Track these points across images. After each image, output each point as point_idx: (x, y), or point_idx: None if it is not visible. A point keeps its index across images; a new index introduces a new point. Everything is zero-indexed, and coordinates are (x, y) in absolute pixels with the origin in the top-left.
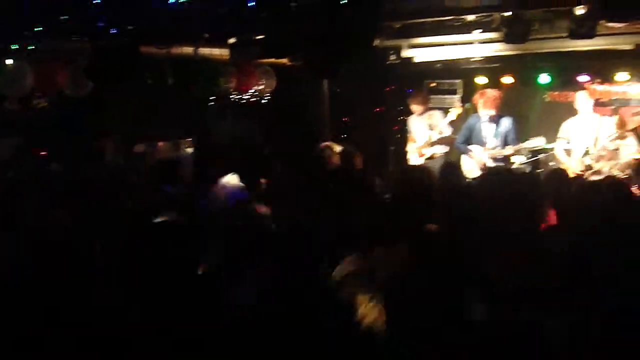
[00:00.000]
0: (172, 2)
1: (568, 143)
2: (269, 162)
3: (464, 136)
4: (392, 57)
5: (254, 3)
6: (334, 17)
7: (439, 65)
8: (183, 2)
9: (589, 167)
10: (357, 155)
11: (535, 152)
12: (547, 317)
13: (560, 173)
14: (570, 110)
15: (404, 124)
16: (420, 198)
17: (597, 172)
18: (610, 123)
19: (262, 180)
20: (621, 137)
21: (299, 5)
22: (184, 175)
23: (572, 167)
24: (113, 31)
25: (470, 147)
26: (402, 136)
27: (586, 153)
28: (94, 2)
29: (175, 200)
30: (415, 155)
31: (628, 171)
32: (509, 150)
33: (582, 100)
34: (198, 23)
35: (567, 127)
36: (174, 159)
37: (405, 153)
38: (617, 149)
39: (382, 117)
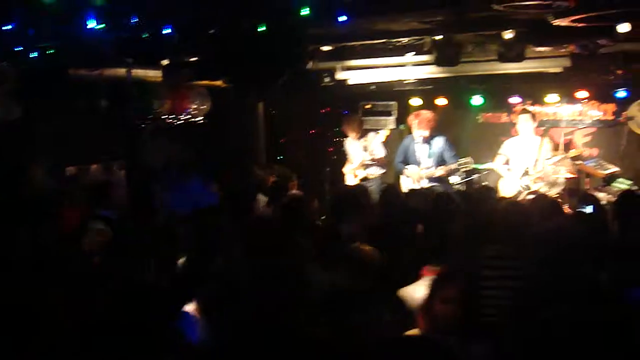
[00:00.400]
0: (91, 28)
1: (507, 163)
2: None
3: (401, 156)
4: (327, 80)
5: (170, 30)
6: (258, 40)
7: (373, 87)
8: (100, 28)
9: (526, 187)
10: (292, 177)
11: (469, 172)
12: None
13: (486, 190)
14: (504, 131)
15: (340, 145)
16: (354, 219)
17: (534, 193)
18: (550, 145)
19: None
20: (559, 159)
21: (224, 29)
22: (117, 199)
23: (510, 185)
24: (33, 54)
25: (407, 167)
26: (339, 157)
27: (525, 173)
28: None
29: (112, 223)
30: (350, 177)
31: (560, 191)
32: (440, 170)
33: (523, 122)
34: (128, 45)
35: (508, 147)
36: (106, 181)
37: (341, 174)
38: (555, 171)
39: (318, 138)
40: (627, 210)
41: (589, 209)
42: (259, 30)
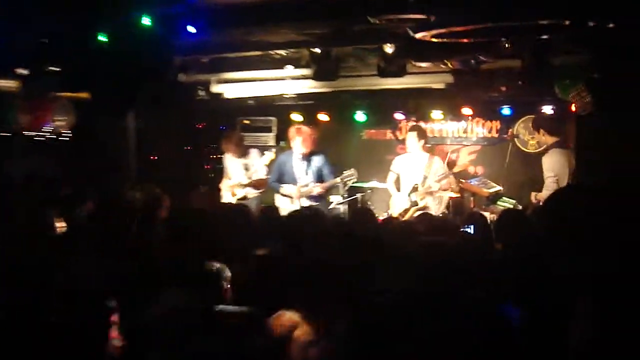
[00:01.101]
0: None
1: (397, 180)
2: (69, 202)
3: (275, 174)
4: (202, 93)
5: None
6: (113, 52)
7: (251, 101)
8: None
9: (414, 204)
10: (163, 197)
11: (352, 191)
12: None
13: (366, 212)
14: (388, 149)
15: (217, 162)
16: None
17: (422, 209)
18: (439, 163)
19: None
20: (446, 176)
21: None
22: None
23: (399, 203)
24: None
25: (283, 185)
26: (216, 175)
27: (414, 190)
28: None
29: None
30: (228, 195)
31: (444, 209)
32: (318, 187)
33: (411, 140)
34: None
35: (398, 164)
36: None
37: (218, 193)
38: (441, 188)
39: (193, 155)
40: (507, 229)
41: (472, 228)
42: (101, 41)
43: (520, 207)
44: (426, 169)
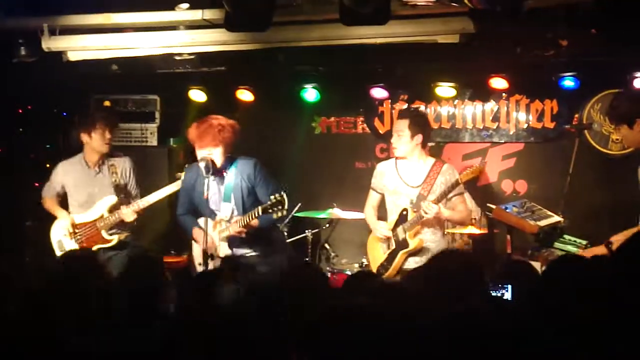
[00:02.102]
0: None
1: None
2: None
3: (184, 204)
4: (24, 52)
5: None
6: None
7: (115, 67)
8: None
9: (401, 244)
10: None
11: (295, 226)
12: None
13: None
14: (361, 149)
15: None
16: None
17: (413, 252)
18: (451, 173)
19: None
20: (460, 196)
21: None
22: None
23: (379, 244)
24: None
25: (200, 221)
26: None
27: (401, 219)
28: None
29: None
30: (66, 240)
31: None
32: (233, 228)
33: (401, 134)
34: None
35: (382, 176)
36: None
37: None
38: (455, 220)
39: (8, 162)
40: (575, 295)
41: (509, 290)
42: None
43: (594, 253)
44: (425, 184)
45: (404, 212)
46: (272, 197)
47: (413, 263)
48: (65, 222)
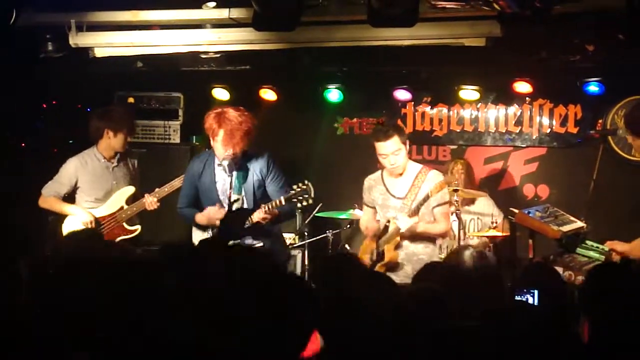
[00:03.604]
0: None
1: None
2: None
3: (187, 196)
4: (50, 47)
5: None
6: None
7: (140, 64)
8: None
9: (378, 256)
10: None
11: (316, 226)
12: None
13: (347, 263)
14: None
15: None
16: None
17: (387, 266)
18: (435, 178)
19: None
20: (468, 201)
21: None
22: None
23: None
24: None
25: (205, 212)
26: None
27: (382, 231)
28: None
29: None
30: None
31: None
32: (257, 214)
33: (389, 150)
34: None
35: (372, 189)
36: None
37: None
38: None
39: (33, 156)
40: (603, 300)
41: (535, 295)
42: None
43: (617, 259)
44: (410, 193)
45: (387, 224)
46: (295, 186)
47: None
48: (86, 217)
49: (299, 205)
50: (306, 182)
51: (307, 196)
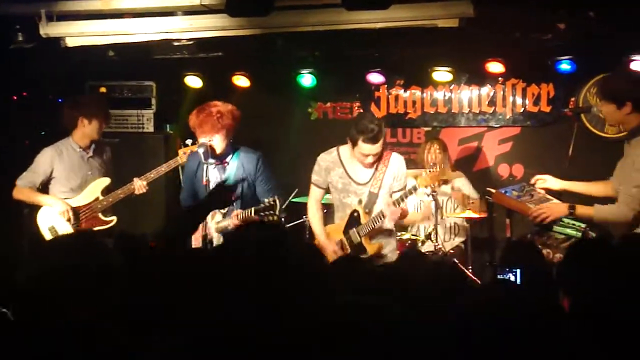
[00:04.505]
0: None
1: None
2: None
3: (190, 191)
4: (21, 38)
5: None
6: None
7: (112, 53)
8: None
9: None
10: None
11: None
12: None
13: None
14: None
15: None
16: None
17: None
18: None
19: None
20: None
21: None
22: None
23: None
24: None
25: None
26: None
27: (352, 220)
28: None
29: None
30: (61, 222)
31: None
32: (232, 221)
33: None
34: None
35: (326, 171)
36: None
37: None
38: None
39: (3, 150)
40: (583, 277)
41: (518, 274)
42: None
43: (593, 234)
44: (374, 180)
45: (355, 214)
46: (265, 200)
47: None
48: (62, 206)
49: (265, 220)
50: (275, 198)
51: (272, 212)
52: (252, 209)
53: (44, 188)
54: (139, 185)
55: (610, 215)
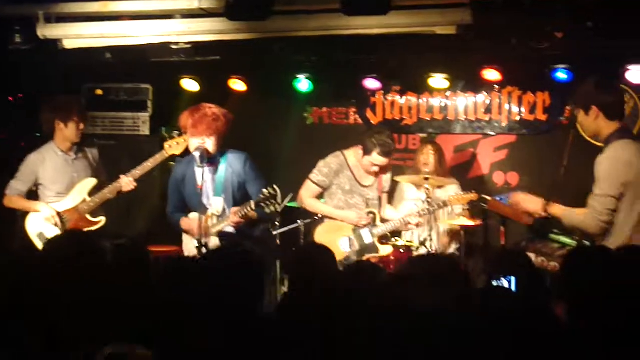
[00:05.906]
0: None
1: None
2: None
3: (173, 200)
4: (18, 38)
5: None
6: None
7: (109, 55)
8: None
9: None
10: None
11: (288, 217)
12: None
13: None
14: (349, 140)
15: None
16: None
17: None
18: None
19: None
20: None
21: None
22: None
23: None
24: None
25: (191, 216)
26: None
27: (369, 220)
28: None
29: None
30: (49, 227)
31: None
32: (231, 219)
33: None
34: None
35: (336, 173)
36: None
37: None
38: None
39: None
40: (579, 284)
41: (511, 281)
42: None
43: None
44: (377, 183)
45: (371, 215)
46: (264, 190)
47: None
48: (48, 212)
49: (266, 210)
50: (275, 187)
51: (274, 202)
52: (251, 202)
53: (33, 194)
54: (126, 182)
55: (578, 223)
